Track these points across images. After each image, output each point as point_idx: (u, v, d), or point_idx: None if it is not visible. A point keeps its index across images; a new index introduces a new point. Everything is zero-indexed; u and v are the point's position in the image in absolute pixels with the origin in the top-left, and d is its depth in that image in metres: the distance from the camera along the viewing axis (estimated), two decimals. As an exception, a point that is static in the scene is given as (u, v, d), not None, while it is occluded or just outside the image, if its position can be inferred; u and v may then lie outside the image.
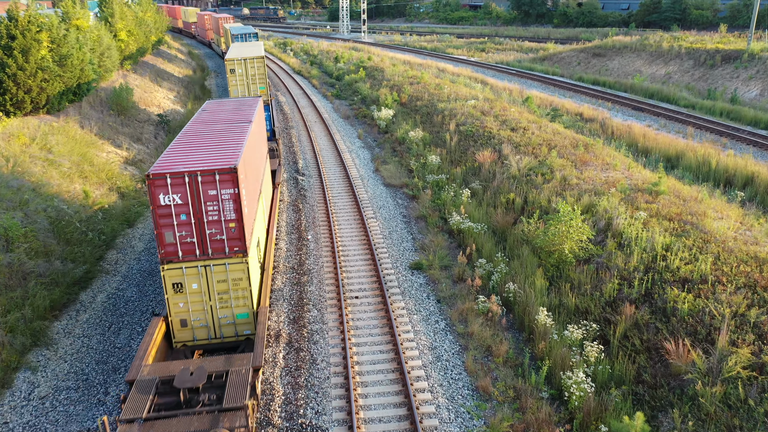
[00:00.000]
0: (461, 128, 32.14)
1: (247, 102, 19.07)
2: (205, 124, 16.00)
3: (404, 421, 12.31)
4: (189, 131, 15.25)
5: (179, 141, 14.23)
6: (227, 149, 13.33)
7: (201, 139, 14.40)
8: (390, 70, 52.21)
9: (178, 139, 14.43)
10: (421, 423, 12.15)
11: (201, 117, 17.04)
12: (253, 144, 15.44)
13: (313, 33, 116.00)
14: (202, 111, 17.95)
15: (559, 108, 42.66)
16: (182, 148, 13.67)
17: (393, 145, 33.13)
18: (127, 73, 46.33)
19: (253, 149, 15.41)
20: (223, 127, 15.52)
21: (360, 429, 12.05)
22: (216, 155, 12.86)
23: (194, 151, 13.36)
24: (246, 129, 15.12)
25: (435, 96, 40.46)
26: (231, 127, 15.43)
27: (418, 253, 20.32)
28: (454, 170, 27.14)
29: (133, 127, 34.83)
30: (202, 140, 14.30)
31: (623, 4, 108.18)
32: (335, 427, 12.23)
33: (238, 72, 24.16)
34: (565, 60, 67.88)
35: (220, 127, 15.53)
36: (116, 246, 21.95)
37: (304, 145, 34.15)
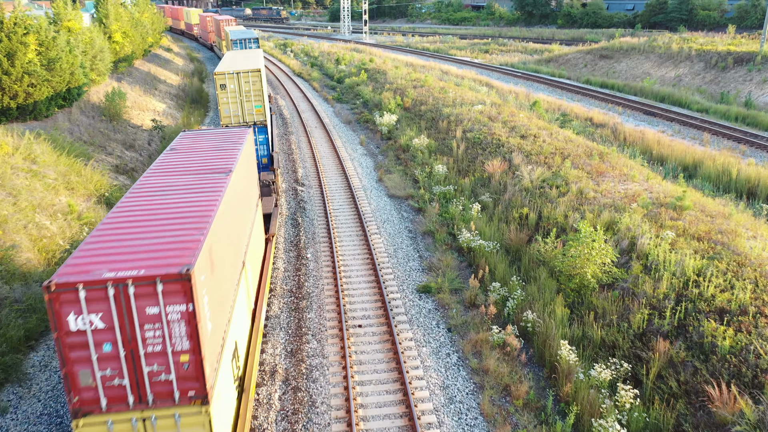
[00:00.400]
0: (468, 135, 30.72)
1: (231, 137, 14.80)
2: (166, 177, 11.67)
3: (415, 479, 10.90)
4: (137, 194, 10.79)
5: (115, 216, 9.76)
6: (184, 232, 8.99)
7: (150, 210, 9.98)
8: (392, 73, 50.79)
9: (115, 210, 10.04)
10: (434, 481, 10.74)
11: (165, 162, 12.68)
12: (233, 203, 11.49)
13: (313, 34, 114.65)
14: (169, 151, 13.58)
15: (568, 112, 41.26)
16: (116, 230, 9.22)
17: (397, 153, 31.71)
18: (122, 76, 44.94)
19: (233, 211, 11.50)
20: (189, 183, 11.22)
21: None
22: (164, 246, 8.62)
23: (133, 236, 8.99)
24: (220, 188, 10.77)
25: (440, 100, 39.04)
26: (200, 185, 11.10)
27: (426, 273, 18.89)
28: (462, 181, 25.71)
29: (125, 134, 33.43)
30: (151, 212, 9.90)
31: (628, 4, 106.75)
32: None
33: (230, 88, 20.58)
34: (572, 62, 66.45)
35: (184, 183, 11.24)
36: (103, 264, 20.55)
37: (304, 152, 32.73)
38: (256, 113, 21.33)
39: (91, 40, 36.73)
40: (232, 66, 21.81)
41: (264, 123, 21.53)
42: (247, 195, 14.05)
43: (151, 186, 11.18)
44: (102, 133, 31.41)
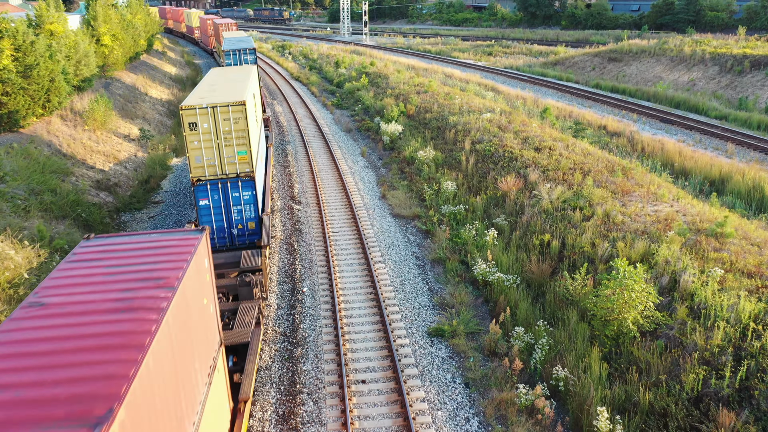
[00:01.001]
0: (478, 147, 28.56)
1: (170, 247, 8.03)
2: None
3: None
4: (25, 317, 6.37)
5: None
6: None
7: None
8: (394, 77, 48.61)
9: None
10: None
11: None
12: None
13: (313, 35, 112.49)
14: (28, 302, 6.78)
15: (581, 120, 39.11)
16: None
17: (401, 166, 29.53)
18: (111, 81, 42.74)
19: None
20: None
21: None
22: None
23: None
24: None
25: (445, 107, 36.87)
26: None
27: (438, 312, 16.71)
28: (473, 200, 23.52)
29: (110, 145, 31.24)
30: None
31: (633, 5, 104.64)
32: None
33: (203, 128, 15.44)
34: (579, 65, 64.30)
35: None
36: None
37: (302, 165, 30.54)
38: (240, 161, 16.00)
39: (75, 44, 34.54)
40: (208, 95, 16.86)
41: (250, 174, 16.23)
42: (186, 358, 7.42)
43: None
44: (83, 145, 29.21)
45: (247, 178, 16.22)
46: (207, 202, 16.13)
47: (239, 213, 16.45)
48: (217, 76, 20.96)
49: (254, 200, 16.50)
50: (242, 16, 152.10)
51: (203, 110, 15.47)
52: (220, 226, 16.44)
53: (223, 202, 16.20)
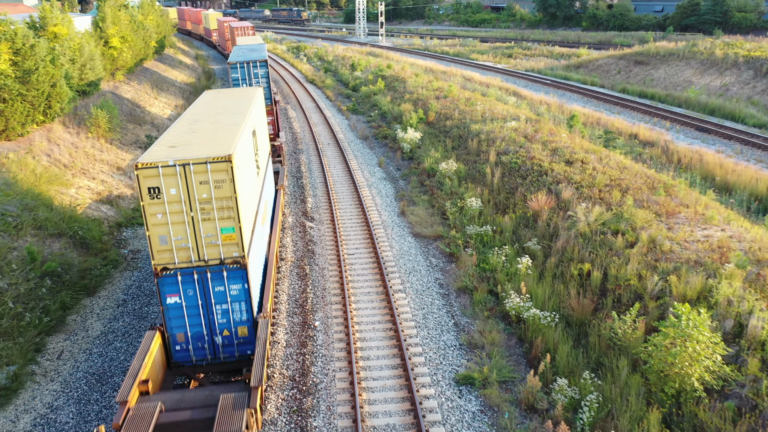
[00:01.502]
0: (503, 159, 26.62)
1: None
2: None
3: None
4: None
5: None
6: None
7: None
8: (412, 81, 46.75)
9: None
10: None
11: None
12: None
13: (328, 36, 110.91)
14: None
15: (610, 128, 36.99)
16: None
17: (421, 178, 27.68)
18: (119, 84, 41.33)
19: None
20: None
21: None
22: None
23: None
24: None
25: (467, 114, 34.95)
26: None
27: (466, 353, 14.83)
28: (501, 219, 21.59)
29: (114, 153, 29.72)
30: None
31: (656, 5, 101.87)
32: None
33: (170, 194, 11.18)
34: (603, 68, 61.98)
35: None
36: (66, 328, 16.75)
37: (315, 176, 28.79)
38: (224, 242, 11.55)
39: (80, 46, 33.09)
40: (181, 144, 12.10)
41: (241, 262, 11.79)
42: None
43: None
44: (86, 154, 27.69)
45: (236, 266, 11.76)
46: (178, 300, 11.75)
47: (225, 314, 12.00)
48: (206, 105, 16.55)
49: (246, 296, 12.01)
50: (260, 16, 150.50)
51: (169, 169, 10.83)
52: (198, 333, 12.08)
53: (201, 300, 11.84)
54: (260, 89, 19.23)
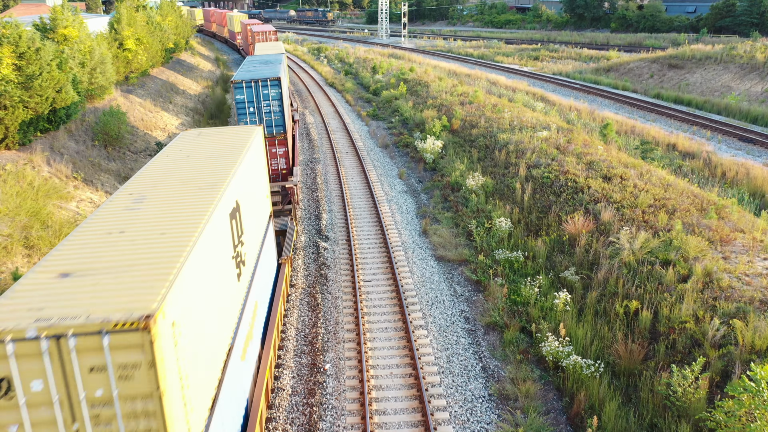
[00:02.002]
0: (534, 173, 24.62)
1: None
2: None
3: None
4: None
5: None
6: None
7: None
8: (435, 85, 44.85)
9: None
10: None
11: None
12: None
13: (349, 37, 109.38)
14: None
15: (645, 137, 34.73)
16: None
17: (444, 192, 25.80)
18: (133, 88, 40.09)
19: None
20: None
21: None
22: None
23: None
24: None
25: (494, 122, 32.97)
26: None
27: (496, 407, 12.93)
28: (533, 243, 19.62)
29: (122, 162, 28.32)
30: None
31: (689, 6, 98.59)
32: None
33: (30, 393, 6.17)
34: (635, 71, 59.43)
35: None
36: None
37: (331, 189, 27.06)
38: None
39: (90, 49, 31.80)
40: (79, 281, 6.84)
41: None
42: None
43: None
44: (91, 163, 26.31)
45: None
46: None
47: None
48: (167, 165, 11.50)
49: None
50: (284, 17, 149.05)
51: (28, 345, 5.98)
52: None
53: None
54: (259, 130, 14.77)
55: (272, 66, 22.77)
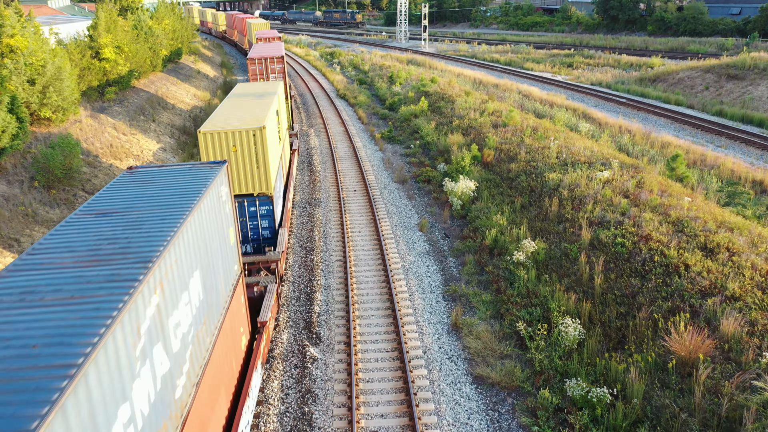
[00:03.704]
0: (602, 236, 18.24)
1: None
2: None
3: None
4: None
5: None
6: None
7: None
8: (462, 101, 38.52)
9: None
10: None
11: None
12: None
13: (366, 40, 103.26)
14: None
15: (722, 170, 28.11)
16: None
17: (480, 257, 19.52)
18: (108, 104, 34.32)
19: None
20: None
21: None
22: None
23: None
24: None
25: (536, 153, 26.62)
26: None
27: None
28: (618, 367, 13.19)
29: (70, 206, 22.41)
30: None
31: (733, 8, 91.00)
32: None
33: None
34: (685, 82, 52.51)
35: None
36: None
37: (331, 250, 20.89)
38: None
39: (43, 62, 26.02)
40: None
41: None
42: None
43: None
44: (23, 213, 20.43)
45: None
46: None
47: None
48: None
49: None
50: (310, 18, 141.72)
51: None
52: None
53: None
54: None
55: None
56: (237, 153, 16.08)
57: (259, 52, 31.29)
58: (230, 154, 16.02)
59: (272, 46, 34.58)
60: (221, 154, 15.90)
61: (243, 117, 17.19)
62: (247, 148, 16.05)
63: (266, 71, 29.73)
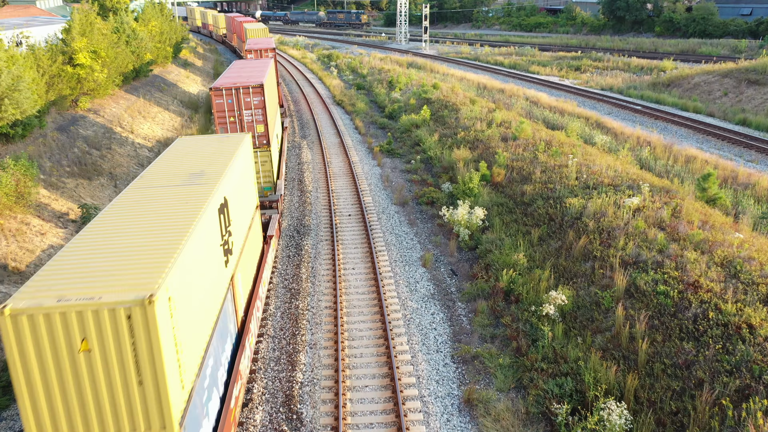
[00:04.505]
0: (639, 282, 15.34)
1: None
2: None
3: None
4: None
5: None
6: None
7: None
8: (466, 110, 35.62)
9: None
10: None
11: None
12: None
13: (365, 41, 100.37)
14: None
15: (757, 190, 25.21)
16: None
17: (493, 303, 16.61)
18: (78, 118, 31.42)
19: None
20: None
21: None
22: None
23: None
24: None
25: (553, 172, 23.71)
26: None
27: None
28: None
29: (21, 239, 19.49)
30: None
31: (744, 9, 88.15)
32: None
33: None
34: (701, 87, 49.62)
35: None
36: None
37: (321, 291, 18.00)
38: None
39: (-1, 72, 23.12)
40: None
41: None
42: None
43: None
44: (-39, 251, 17.50)
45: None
46: None
47: None
48: None
49: None
50: (313, 19, 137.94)
51: None
52: None
53: None
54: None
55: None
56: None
57: (233, 75, 22.14)
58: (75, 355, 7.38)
59: (253, 67, 24.38)
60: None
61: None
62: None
63: (237, 109, 19.73)
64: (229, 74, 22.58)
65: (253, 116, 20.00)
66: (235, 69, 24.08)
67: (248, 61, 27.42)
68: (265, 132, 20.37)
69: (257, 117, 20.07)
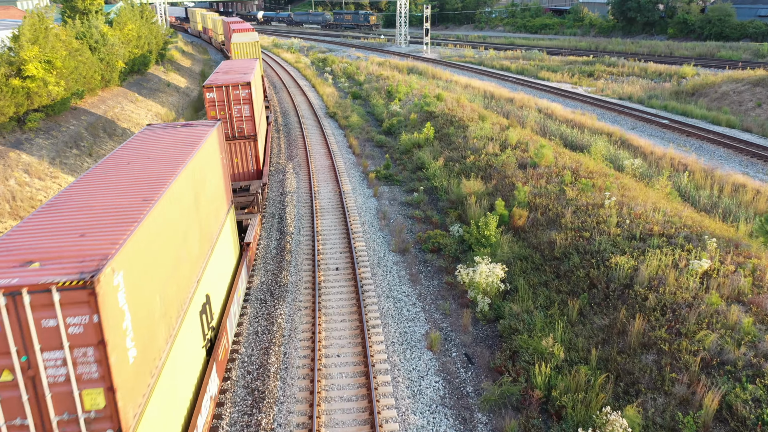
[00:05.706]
0: (736, 402, 10.92)
1: None
2: None
3: None
4: None
5: None
6: None
7: None
8: (475, 128, 31.18)
9: None
10: None
11: None
12: None
13: (363, 44, 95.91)
14: None
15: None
16: None
17: (526, 421, 12.16)
18: (27, 136, 27.01)
19: None
20: None
21: None
22: None
23: None
24: None
25: (586, 213, 19.26)
26: None
27: None
28: None
29: None
30: None
31: (762, 10, 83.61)
32: None
33: None
34: (730, 97, 45.16)
35: None
36: None
37: (292, 394, 13.58)
38: None
39: None
40: None
41: None
42: None
43: None
44: None
45: None
46: None
47: None
48: None
49: None
50: (319, 20, 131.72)
51: None
52: None
53: None
54: None
55: None
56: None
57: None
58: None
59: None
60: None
61: None
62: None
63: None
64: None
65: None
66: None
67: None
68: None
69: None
